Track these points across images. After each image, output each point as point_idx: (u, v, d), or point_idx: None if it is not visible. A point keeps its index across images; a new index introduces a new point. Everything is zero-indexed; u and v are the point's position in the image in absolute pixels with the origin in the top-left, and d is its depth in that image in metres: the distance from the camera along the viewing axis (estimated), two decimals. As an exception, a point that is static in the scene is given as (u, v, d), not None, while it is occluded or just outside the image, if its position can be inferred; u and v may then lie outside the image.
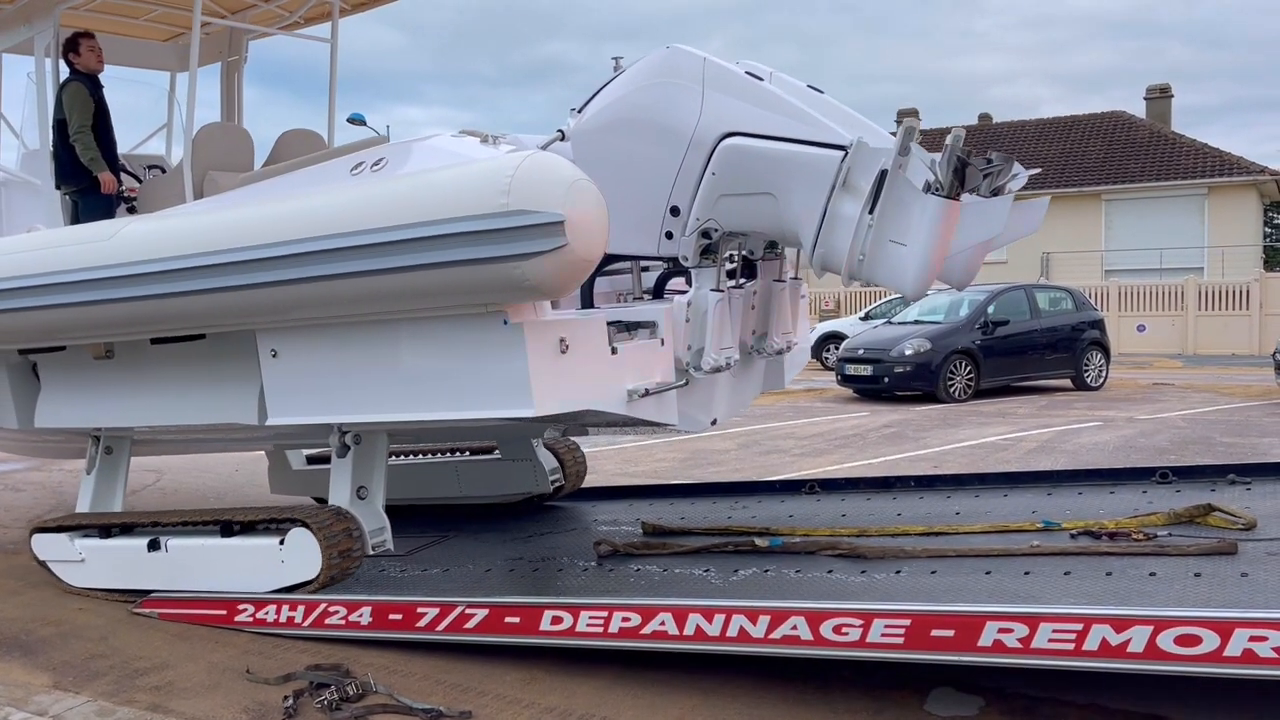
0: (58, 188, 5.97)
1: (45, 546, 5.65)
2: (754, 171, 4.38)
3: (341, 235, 4.01)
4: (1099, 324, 16.92)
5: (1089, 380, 16.31)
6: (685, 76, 4.49)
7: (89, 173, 5.88)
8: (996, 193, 4.17)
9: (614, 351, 4.30)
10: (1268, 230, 39.15)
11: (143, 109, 7.10)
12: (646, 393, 4.40)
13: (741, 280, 4.99)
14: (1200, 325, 25.83)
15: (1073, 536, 4.52)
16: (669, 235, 4.58)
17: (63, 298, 4.84)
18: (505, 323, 3.99)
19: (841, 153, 4.21)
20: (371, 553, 4.87)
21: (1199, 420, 11.89)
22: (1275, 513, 4.62)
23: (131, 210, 6.05)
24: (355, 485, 4.87)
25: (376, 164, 4.61)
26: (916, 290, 4.23)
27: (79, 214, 5.90)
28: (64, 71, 6.00)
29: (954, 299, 16.54)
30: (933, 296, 17.58)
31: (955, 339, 15.22)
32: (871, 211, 4.15)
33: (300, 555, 4.72)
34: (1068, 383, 16.43)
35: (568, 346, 4.10)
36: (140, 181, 6.43)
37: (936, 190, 4.07)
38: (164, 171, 6.63)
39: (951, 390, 14.89)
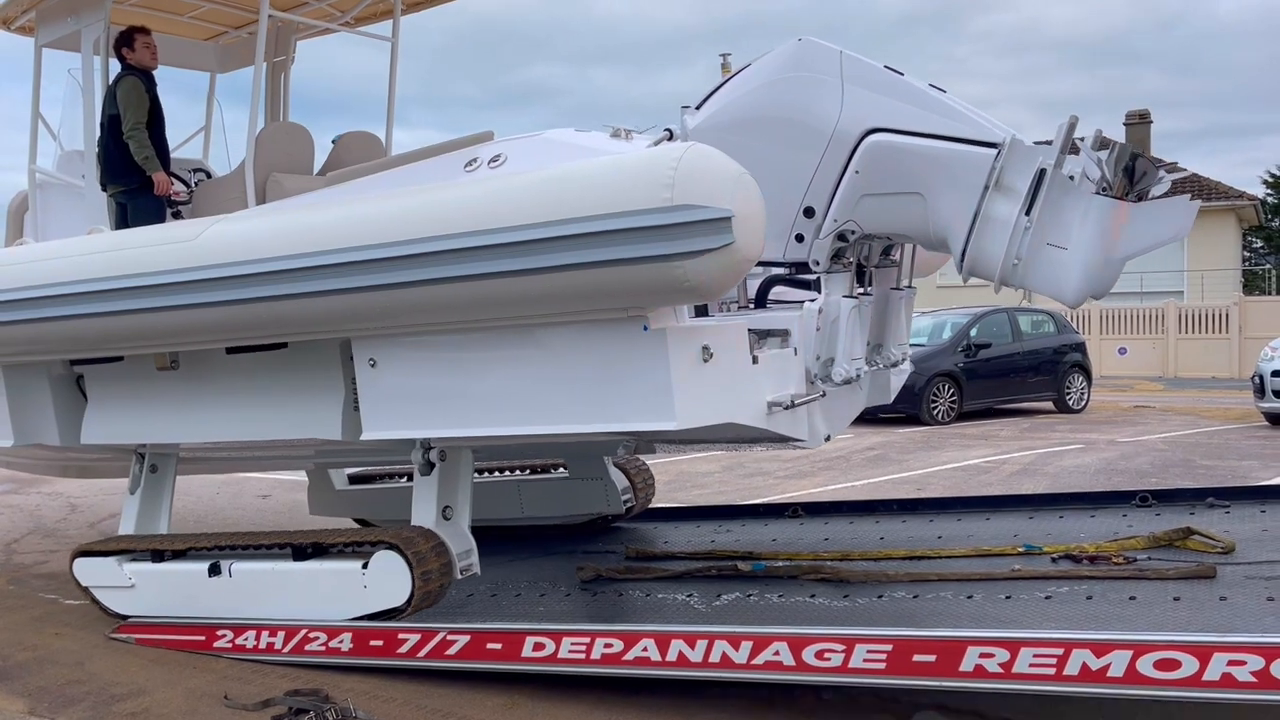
0: (104, 188, 5.65)
1: (90, 571, 5.29)
2: (902, 170, 4.15)
3: (473, 234, 3.70)
4: (1080, 347, 17.04)
5: (1071, 403, 16.40)
6: (822, 71, 4.26)
7: (140, 173, 5.54)
8: (1140, 197, 4.00)
9: (755, 361, 4.07)
10: (1246, 254, 39.60)
11: (175, 110, 6.82)
12: (791, 404, 4.16)
13: (868, 288, 4.74)
14: (1180, 348, 26.05)
15: (1054, 560, 4.54)
16: (799, 238, 4.33)
17: (139, 303, 4.48)
18: (645, 329, 3.72)
19: (994, 150, 4.02)
20: (460, 577, 4.57)
21: (1179, 443, 11.97)
22: (1254, 536, 4.66)
23: (177, 216, 5.77)
24: (441, 505, 4.61)
25: (495, 160, 4.36)
26: (1078, 297, 4.01)
27: (127, 217, 5.60)
28: (113, 68, 5.72)
29: (937, 321, 16.63)
30: (915, 319, 17.67)
31: (938, 361, 15.29)
32: (1028, 213, 3.95)
33: (387, 580, 4.40)
34: (1050, 405, 16.52)
35: (711, 355, 3.84)
36: (188, 185, 6.12)
37: (1104, 190, 3.88)
38: (208, 176, 6.35)
39: (935, 413, 14.95)
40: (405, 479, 6.65)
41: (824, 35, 4.37)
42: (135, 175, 5.58)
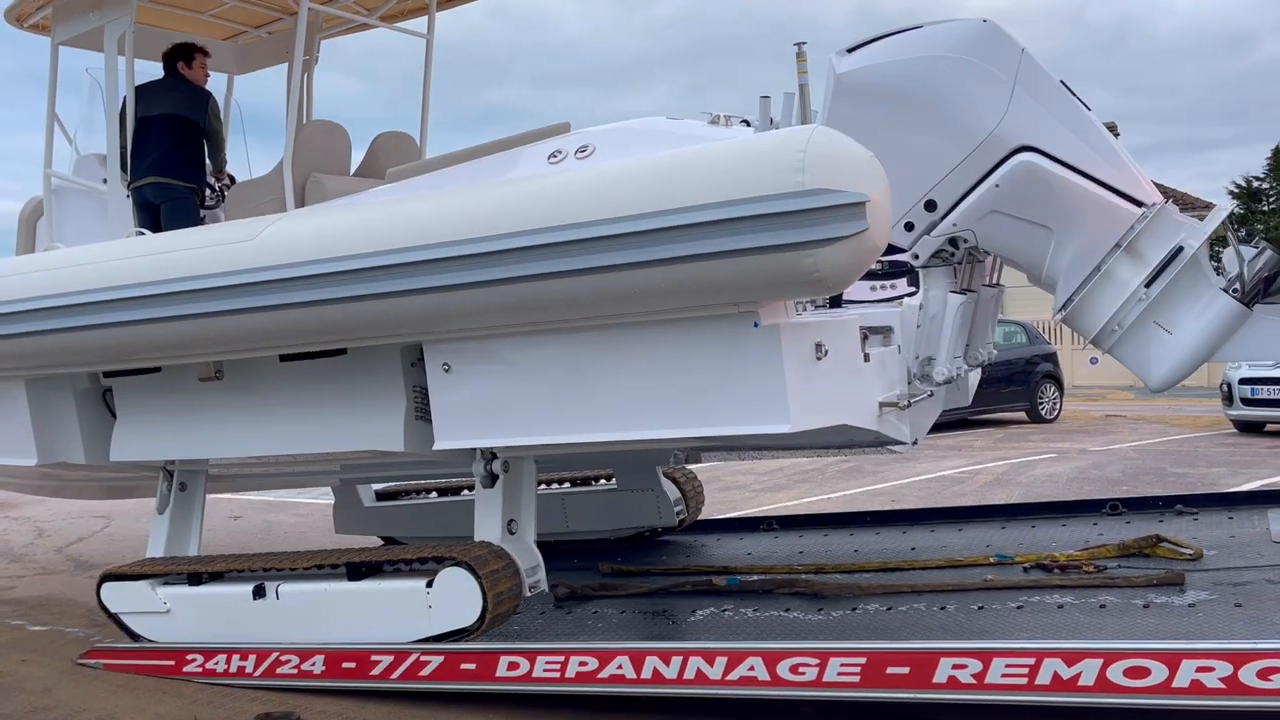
0: (140, 181, 5.39)
1: (119, 597, 4.99)
2: (1043, 199, 3.95)
3: (581, 225, 3.47)
4: (1052, 357, 17.19)
5: (1043, 413, 16.53)
6: (998, 64, 3.97)
7: (198, 178, 5.51)
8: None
9: (866, 359, 3.89)
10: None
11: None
12: (908, 404, 3.99)
13: (969, 285, 4.55)
14: (1150, 357, 26.32)
15: (1025, 570, 4.57)
16: (908, 226, 4.09)
17: (194, 307, 4.23)
18: (756, 325, 3.50)
19: (1140, 211, 3.91)
20: (529, 594, 4.34)
21: (1150, 451, 12.08)
22: (1222, 543, 4.72)
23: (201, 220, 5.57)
24: (506, 519, 4.36)
25: (582, 150, 4.13)
26: (1162, 385, 3.95)
27: (163, 219, 5.37)
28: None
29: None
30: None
31: (912, 373, 15.36)
32: (1149, 285, 3.87)
33: (455, 599, 4.13)
34: (1023, 415, 16.63)
35: (825, 353, 3.65)
36: (214, 190, 5.89)
37: (1233, 290, 3.82)
38: (232, 179, 6.12)
39: (909, 424, 15.01)
40: (435, 494, 6.56)
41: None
42: (197, 177, 5.53)
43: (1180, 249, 3.87)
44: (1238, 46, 69.22)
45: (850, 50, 4.18)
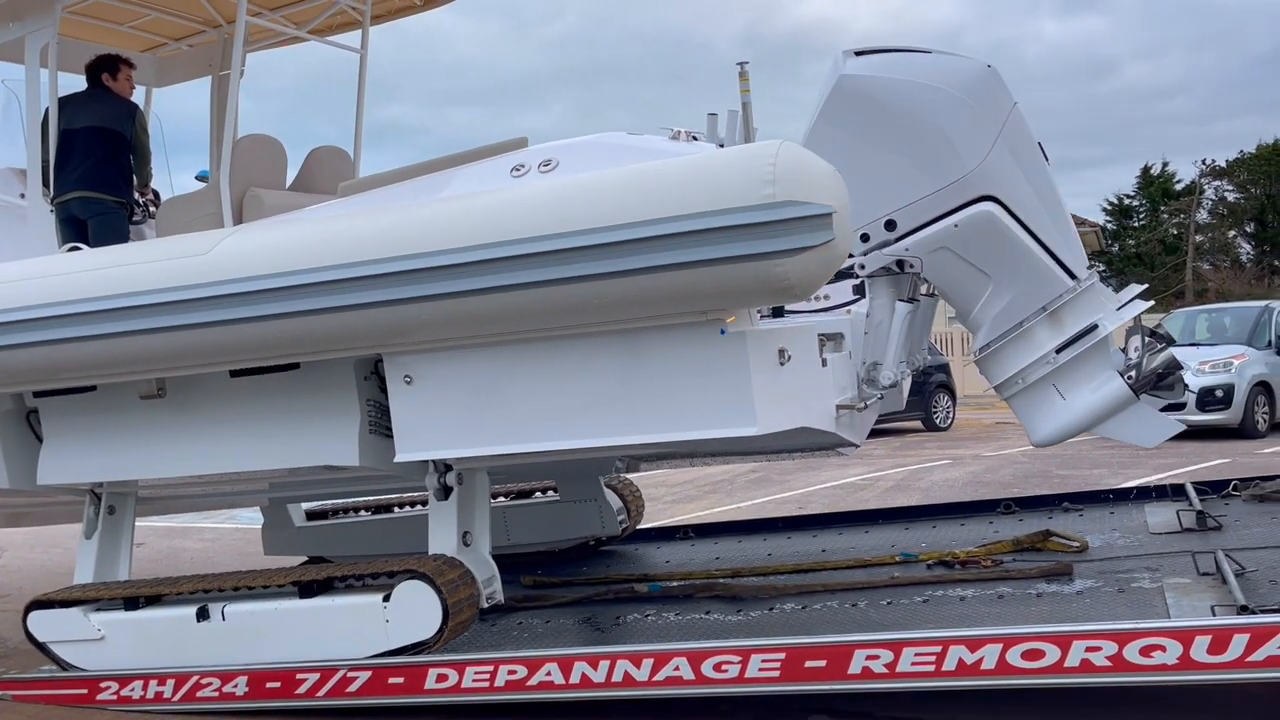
0: (68, 194, 5.23)
1: (47, 625, 4.76)
2: (992, 249, 4.15)
3: (558, 237, 3.54)
4: (945, 368, 17.86)
5: (938, 421, 17.16)
6: (990, 110, 4.13)
7: (127, 192, 5.42)
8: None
9: (824, 364, 4.06)
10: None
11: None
12: (864, 407, 4.19)
13: (913, 294, 4.73)
14: (1035, 366, 27.41)
15: (929, 566, 4.83)
16: (864, 237, 4.20)
17: (145, 323, 4.14)
18: (723, 332, 3.64)
19: (1072, 283, 4.15)
20: (485, 604, 4.36)
21: (1037, 455, 12.68)
22: (1105, 536, 5.07)
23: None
24: (461, 530, 4.38)
25: (546, 164, 4.18)
26: (1045, 442, 4.24)
27: (91, 234, 5.22)
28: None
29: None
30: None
31: (814, 385, 15.75)
32: (1059, 351, 4.13)
33: (413, 612, 4.11)
34: (918, 424, 17.25)
35: (788, 358, 3.80)
36: (140, 204, 5.74)
37: (1129, 376, 4.08)
38: (156, 194, 5.91)
39: (812, 435, 15.38)
40: (367, 513, 6.49)
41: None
42: (125, 192, 5.42)
43: (1095, 326, 4.17)
44: (1101, 72, 73.23)
45: (858, 54, 4.30)
